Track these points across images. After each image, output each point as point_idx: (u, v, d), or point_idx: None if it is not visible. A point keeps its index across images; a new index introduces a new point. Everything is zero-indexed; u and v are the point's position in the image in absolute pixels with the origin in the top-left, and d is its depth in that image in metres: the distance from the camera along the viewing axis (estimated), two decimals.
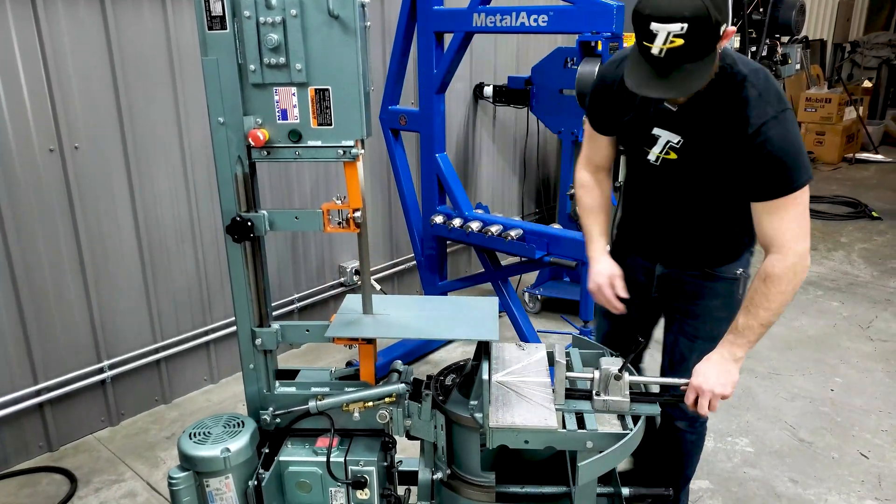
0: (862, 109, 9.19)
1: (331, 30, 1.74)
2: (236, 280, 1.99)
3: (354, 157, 1.84)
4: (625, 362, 1.88)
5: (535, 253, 3.38)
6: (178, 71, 3.27)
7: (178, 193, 3.42)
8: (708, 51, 1.68)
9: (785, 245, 1.83)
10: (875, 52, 10.37)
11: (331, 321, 2.04)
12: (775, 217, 1.84)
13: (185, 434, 1.96)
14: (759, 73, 1.85)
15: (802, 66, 8.41)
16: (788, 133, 1.80)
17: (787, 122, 1.80)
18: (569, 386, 1.96)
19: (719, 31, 1.66)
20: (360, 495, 2.00)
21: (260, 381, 2.08)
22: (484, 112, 5.12)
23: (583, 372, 1.98)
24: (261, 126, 1.83)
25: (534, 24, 3.10)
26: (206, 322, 3.69)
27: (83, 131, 3.03)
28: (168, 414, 3.53)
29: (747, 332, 1.90)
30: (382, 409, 2.02)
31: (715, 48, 1.70)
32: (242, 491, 1.96)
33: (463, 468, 2.00)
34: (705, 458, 3.07)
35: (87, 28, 2.97)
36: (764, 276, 1.86)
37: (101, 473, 3.07)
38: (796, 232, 1.84)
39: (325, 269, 4.26)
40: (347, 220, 1.91)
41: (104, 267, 3.23)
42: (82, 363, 3.25)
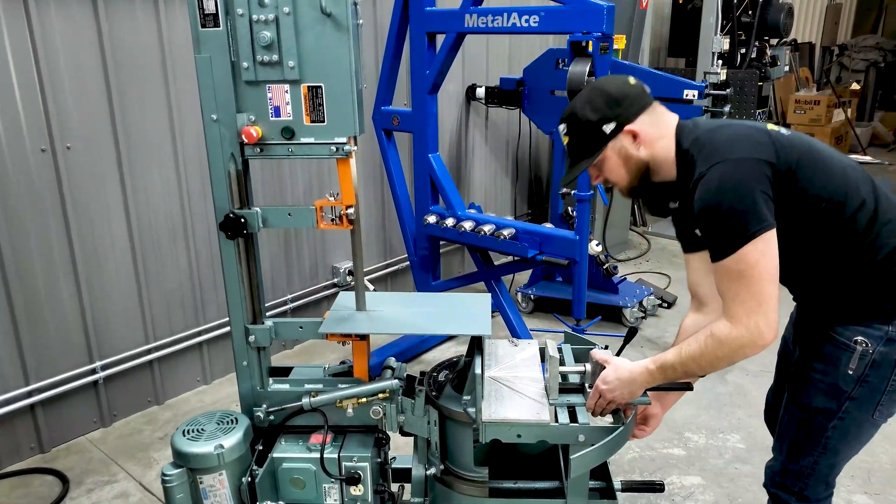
0: (850, 111, 9.27)
1: (323, 27, 1.75)
2: (229, 277, 1.99)
3: (347, 154, 1.85)
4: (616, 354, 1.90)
5: (527, 252, 3.40)
6: (170, 70, 3.28)
7: (170, 194, 3.42)
8: (592, 147, 1.79)
9: (735, 316, 1.61)
10: (863, 55, 10.48)
11: (324, 318, 2.05)
12: (721, 281, 1.65)
13: (179, 431, 1.96)
14: (706, 135, 1.71)
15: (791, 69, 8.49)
16: (713, 190, 1.60)
17: (716, 177, 1.61)
18: (561, 380, 1.97)
19: (599, 129, 1.75)
20: (353, 491, 2.01)
21: (253, 379, 2.09)
22: (476, 113, 5.14)
23: (574, 366, 1.99)
24: (254, 123, 1.84)
25: (525, 25, 3.12)
26: (199, 323, 3.69)
27: (75, 131, 3.03)
28: (161, 415, 3.52)
29: (668, 370, 1.75)
30: (376, 406, 2.02)
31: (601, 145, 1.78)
32: (236, 487, 1.96)
33: (456, 464, 2.02)
34: (697, 455, 3.10)
35: (80, 27, 2.97)
36: (709, 330, 1.66)
37: (93, 474, 3.06)
38: (747, 304, 1.59)
39: (319, 269, 4.26)
40: (340, 217, 1.92)
41: (96, 267, 3.22)
42: (74, 364, 3.24)
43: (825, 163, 1.69)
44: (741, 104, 5.80)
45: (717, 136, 1.69)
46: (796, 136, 1.74)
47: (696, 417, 3.38)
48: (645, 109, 1.77)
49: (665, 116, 1.81)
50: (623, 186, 1.87)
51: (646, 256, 5.69)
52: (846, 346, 1.72)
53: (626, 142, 1.77)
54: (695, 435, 3.25)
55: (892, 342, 1.69)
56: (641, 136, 1.76)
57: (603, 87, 1.80)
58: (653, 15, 6.05)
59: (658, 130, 1.77)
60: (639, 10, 5.20)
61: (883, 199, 1.71)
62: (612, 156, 1.80)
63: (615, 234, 5.57)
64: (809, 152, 1.69)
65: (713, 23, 5.54)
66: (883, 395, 1.74)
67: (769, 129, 1.72)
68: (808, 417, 1.83)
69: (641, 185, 1.85)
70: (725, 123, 1.74)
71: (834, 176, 1.68)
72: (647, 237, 6.11)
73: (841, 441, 1.81)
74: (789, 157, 1.64)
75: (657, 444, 3.17)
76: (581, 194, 3.43)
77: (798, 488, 1.88)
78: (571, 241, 3.37)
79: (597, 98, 1.77)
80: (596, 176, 1.88)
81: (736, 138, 1.66)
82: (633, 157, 1.78)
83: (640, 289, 4.55)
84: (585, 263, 3.48)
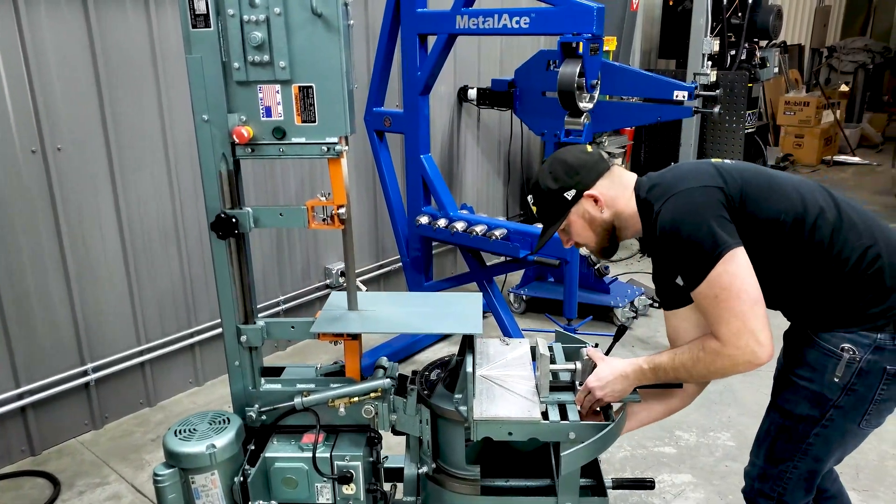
0: (839, 113, 9.35)
1: (314, 28, 1.76)
2: (221, 277, 1.99)
3: (338, 154, 1.86)
4: (606, 352, 1.92)
5: (519, 252, 3.41)
6: (161, 72, 3.28)
7: (162, 195, 3.42)
8: (556, 213, 1.92)
9: (722, 336, 1.62)
10: (851, 57, 10.55)
11: (316, 318, 2.06)
12: (702, 308, 1.67)
13: (171, 431, 1.96)
14: (657, 179, 1.79)
15: (781, 70, 8.55)
16: (668, 224, 1.66)
17: (671, 211, 1.66)
18: (552, 378, 1.98)
19: (561, 196, 1.88)
20: (345, 490, 2.01)
21: (245, 379, 2.09)
22: (468, 114, 5.15)
23: (565, 364, 2.00)
24: (245, 123, 1.85)
25: (516, 26, 3.14)
26: (191, 324, 3.68)
27: (66, 132, 3.03)
28: (153, 417, 3.51)
29: (660, 371, 1.78)
30: (368, 405, 2.03)
31: (565, 211, 1.90)
32: (228, 487, 1.96)
33: (448, 462, 2.02)
34: (688, 453, 3.12)
35: (70, 29, 2.97)
36: (703, 342, 1.69)
37: (84, 476, 3.05)
38: (731, 325, 1.60)
39: (311, 270, 4.27)
40: (332, 217, 1.93)
41: (88, 269, 3.22)
42: (65, 366, 3.23)
43: (773, 183, 1.74)
44: (731, 105, 5.84)
45: (666, 177, 1.79)
46: (741, 164, 1.82)
47: (687, 416, 3.40)
48: (602, 175, 1.89)
49: (623, 177, 1.91)
50: (593, 248, 1.99)
51: (636, 257, 5.71)
52: (832, 352, 1.71)
53: (589, 206, 1.89)
54: (685, 433, 3.27)
55: (880, 350, 1.67)
56: (602, 199, 1.87)
57: (562, 157, 1.92)
58: (643, 16, 6.08)
59: (616, 191, 1.88)
60: (629, 11, 5.23)
61: (843, 206, 1.73)
62: (576, 220, 1.91)
63: None
64: (755, 177, 1.75)
65: (703, 24, 5.57)
66: (870, 404, 1.72)
67: (713, 161, 1.82)
68: (791, 424, 1.83)
69: (611, 245, 1.97)
70: (675, 166, 1.88)
71: (784, 195, 1.71)
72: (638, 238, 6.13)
73: (823, 449, 1.81)
74: (734, 184, 1.71)
75: (648, 443, 3.19)
76: None
77: (777, 493, 1.88)
78: None
79: (557, 168, 1.90)
80: (567, 240, 2.01)
81: (684, 174, 1.77)
82: (597, 219, 1.90)
83: (631, 289, 4.57)
84: (576, 263, 3.50)
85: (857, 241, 1.69)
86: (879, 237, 1.72)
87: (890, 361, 1.68)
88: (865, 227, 1.72)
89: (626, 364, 1.86)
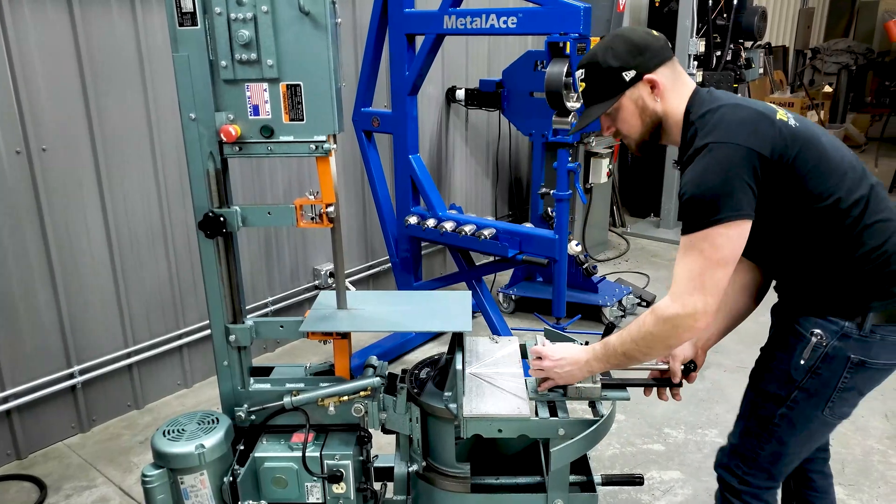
0: (823, 113, 9.44)
1: (302, 26, 1.76)
2: (209, 276, 1.99)
3: (327, 152, 1.86)
4: None
5: (508, 251, 3.42)
6: (148, 72, 3.26)
7: (149, 195, 3.40)
8: (609, 93, 1.78)
9: (676, 291, 1.64)
10: (835, 59, 10.67)
11: (305, 317, 2.06)
12: (680, 252, 1.67)
13: (159, 431, 1.95)
14: (711, 112, 1.70)
15: (766, 71, 8.63)
16: (700, 167, 1.62)
17: (707, 156, 1.62)
18: None
19: (619, 75, 1.75)
20: (336, 489, 2.01)
21: (234, 378, 2.08)
22: (456, 115, 5.16)
23: None
24: (232, 122, 1.84)
25: (503, 26, 3.15)
26: (179, 326, 3.66)
27: (51, 133, 3.01)
28: (141, 419, 3.49)
29: (609, 355, 1.80)
30: (358, 403, 2.03)
31: (618, 92, 1.77)
32: (218, 487, 1.95)
33: (438, 460, 2.02)
34: (676, 450, 3.14)
35: (55, 28, 2.94)
36: (652, 308, 1.70)
37: (71, 480, 3.02)
38: (690, 283, 1.62)
39: (300, 271, 4.25)
40: (320, 215, 1.92)
41: (74, 270, 3.19)
42: (52, 369, 3.20)
43: (826, 158, 1.68)
44: None
45: (724, 115, 1.66)
46: (803, 127, 1.71)
47: (676, 413, 3.42)
48: (665, 62, 1.76)
49: (684, 76, 1.81)
50: (634, 139, 1.86)
51: (625, 256, 5.74)
52: (802, 336, 1.74)
53: (644, 92, 1.76)
54: (674, 431, 3.29)
55: (846, 338, 1.70)
56: (660, 87, 1.75)
57: (626, 35, 1.78)
58: (630, 18, 6.12)
59: (676, 88, 1.77)
60: (616, 12, 5.26)
61: (873, 200, 1.70)
62: (628, 105, 1.78)
63: (594, 235, 5.62)
64: (812, 146, 1.67)
65: (689, 25, 5.62)
66: (834, 391, 1.74)
67: (778, 118, 1.68)
68: (760, 402, 1.86)
69: (651, 141, 1.85)
70: (737, 104, 1.70)
71: (833, 173, 1.67)
72: (625, 238, 6.17)
73: (788, 432, 1.82)
74: (789, 149, 1.63)
75: (637, 440, 3.21)
76: (560, 194, 3.47)
77: (741, 472, 1.91)
78: (551, 240, 3.40)
79: (619, 45, 1.75)
80: (608, 126, 1.87)
81: (739, 122, 1.64)
82: (649, 108, 1.78)
83: (620, 288, 4.59)
84: (565, 262, 3.51)
85: (870, 237, 1.68)
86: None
87: (854, 350, 1.70)
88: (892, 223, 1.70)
89: (581, 350, 1.88)
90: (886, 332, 1.70)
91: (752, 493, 1.92)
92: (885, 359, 1.73)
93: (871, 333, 1.69)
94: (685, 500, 2.81)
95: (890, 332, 1.70)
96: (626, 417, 3.37)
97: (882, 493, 2.85)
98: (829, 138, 1.75)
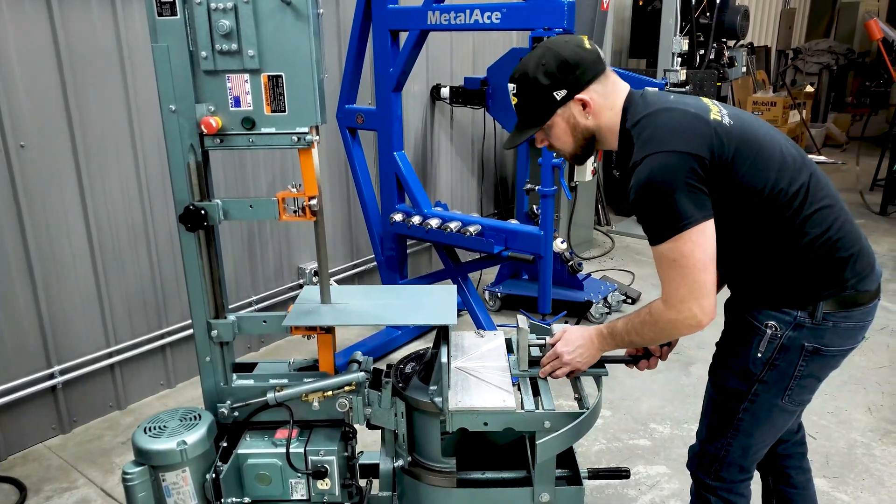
0: (805, 113, 9.53)
1: (283, 16, 1.74)
2: (190, 271, 1.96)
3: (309, 144, 1.84)
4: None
5: (493, 248, 3.42)
6: (128, 67, 3.22)
7: (130, 192, 3.36)
8: (540, 112, 1.77)
9: (669, 300, 1.66)
10: (816, 59, 10.77)
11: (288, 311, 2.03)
12: (657, 264, 1.67)
13: (140, 428, 1.93)
14: (647, 119, 1.69)
15: (748, 71, 8.70)
16: (643, 180, 1.61)
17: (646, 169, 1.61)
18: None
19: (550, 94, 1.73)
20: (320, 485, 1.99)
21: (217, 375, 2.05)
22: (441, 113, 5.15)
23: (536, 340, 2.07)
24: (213, 113, 1.82)
25: (487, 22, 3.15)
26: (162, 325, 3.62)
27: (29, 129, 2.96)
28: (123, 420, 3.44)
29: (617, 337, 1.82)
30: (342, 399, 2.01)
31: (550, 112, 1.76)
32: (200, 485, 1.93)
33: (424, 455, 2.01)
34: (662, 445, 3.14)
35: (33, 23, 2.90)
36: (650, 307, 1.72)
37: (52, 482, 2.97)
38: (680, 290, 1.63)
39: (284, 270, 4.22)
40: (303, 209, 1.90)
41: (53, 269, 3.14)
42: (31, 369, 3.15)
43: (763, 152, 1.67)
44: None
45: (657, 122, 1.66)
46: (738, 123, 1.70)
47: (661, 408, 3.43)
48: (598, 77, 1.74)
49: (618, 85, 1.79)
50: (566, 153, 1.88)
51: (610, 254, 5.76)
52: (758, 329, 1.75)
53: (576, 110, 1.76)
54: (660, 426, 3.30)
55: (800, 328, 1.71)
56: (592, 106, 1.74)
57: (557, 49, 1.74)
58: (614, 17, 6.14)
59: (608, 102, 1.76)
60: (600, 11, 5.28)
61: (813, 188, 1.69)
62: (560, 122, 1.78)
63: (580, 233, 5.63)
64: (748, 142, 1.66)
65: (672, 24, 5.65)
66: (792, 380, 1.76)
67: (711, 117, 1.67)
68: (722, 399, 1.87)
69: (584, 154, 1.86)
70: (669, 106, 1.70)
71: (771, 166, 1.66)
72: (611, 236, 6.19)
73: (753, 424, 1.83)
74: (726, 148, 1.63)
75: (623, 436, 3.21)
76: (545, 190, 3.47)
77: (714, 469, 1.92)
78: (536, 236, 3.40)
79: (551, 62, 1.72)
80: (542, 140, 1.88)
81: (674, 128, 1.64)
82: (580, 125, 1.78)
83: (605, 285, 4.60)
84: (550, 258, 3.51)
85: (813, 226, 1.68)
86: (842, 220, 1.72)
87: (808, 339, 1.72)
88: (834, 209, 1.71)
89: (590, 330, 1.89)
90: (838, 318, 1.71)
91: (726, 487, 1.93)
92: (839, 345, 1.75)
93: (824, 321, 1.71)
94: (671, 494, 2.81)
95: (842, 318, 1.72)
96: (613, 413, 3.38)
97: (866, 486, 2.86)
98: (766, 130, 1.75)
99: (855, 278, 1.70)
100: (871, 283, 1.74)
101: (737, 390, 1.82)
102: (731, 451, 1.88)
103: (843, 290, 1.70)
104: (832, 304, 1.70)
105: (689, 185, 1.59)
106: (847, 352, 1.80)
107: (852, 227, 1.73)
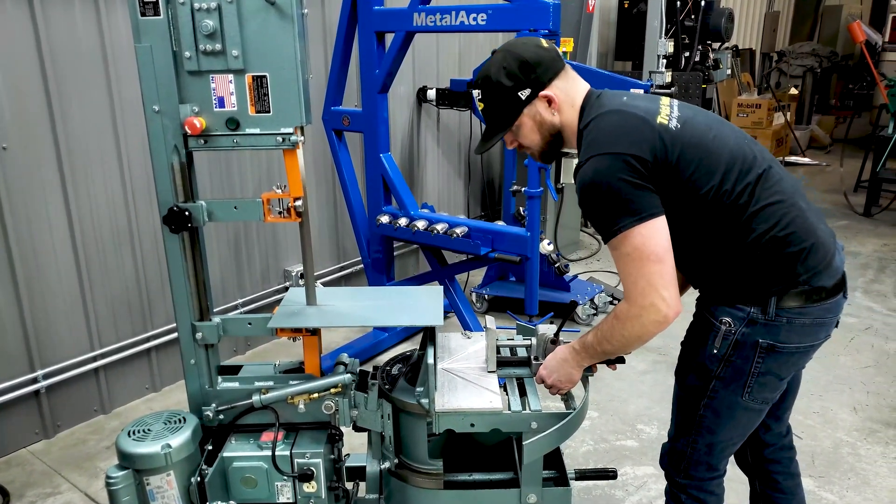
0: (789, 115, 9.61)
1: (267, 16, 1.73)
2: (175, 273, 1.94)
3: (294, 145, 1.83)
4: (558, 328, 2.00)
5: (480, 249, 3.42)
6: (112, 70, 3.20)
7: (114, 195, 3.33)
8: (507, 113, 1.79)
9: (630, 296, 1.66)
10: (800, 62, 10.88)
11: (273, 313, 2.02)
12: (616, 265, 1.69)
13: (124, 432, 1.90)
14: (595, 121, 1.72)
15: (733, 73, 8.76)
16: (587, 180, 1.64)
17: (589, 169, 1.64)
18: (508, 355, 2.04)
19: (515, 95, 1.75)
20: (306, 488, 1.97)
21: (202, 377, 2.04)
22: (428, 115, 5.15)
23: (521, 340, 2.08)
24: (197, 114, 1.80)
25: (473, 23, 3.15)
26: (147, 329, 3.59)
27: (11, 131, 2.93)
28: (108, 424, 3.41)
29: (589, 349, 1.82)
30: (328, 401, 2.00)
31: (517, 112, 1.78)
32: (185, 488, 1.91)
33: (410, 457, 2.00)
34: (650, 446, 3.15)
35: (14, 23, 2.87)
36: (615, 313, 1.72)
37: (35, 487, 2.94)
38: (636, 286, 1.64)
39: (270, 273, 4.20)
40: (288, 210, 1.89)
41: (36, 272, 3.11)
42: (14, 373, 3.11)
43: (710, 155, 1.67)
44: None
45: (602, 125, 1.69)
46: (686, 126, 1.70)
47: (649, 410, 3.44)
48: (559, 74, 1.77)
49: (577, 83, 1.81)
50: (535, 151, 1.89)
51: (596, 256, 5.78)
52: (713, 325, 1.75)
53: (541, 107, 1.78)
54: (647, 427, 3.31)
55: (753, 324, 1.71)
56: (556, 101, 1.77)
57: (517, 51, 1.76)
58: (599, 19, 6.18)
59: (570, 98, 1.79)
60: (585, 13, 5.31)
61: (761, 185, 1.68)
62: (527, 121, 1.81)
63: (566, 235, 5.64)
64: (694, 146, 1.67)
65: (657, 26, 5.69)
66: (749, 377, 1.75)
67: (658, 122, 1.68)
68: (684, 396, 1.88)
69: (552, 151, 1.88)
70: (618, 108, 1.71)
71: (717, 169, 1.66)
72: (597, 238, 6.21)
73: (715, 422, 1.83)
74: (670, 152, 1.64)
75: (610, 437, 3.22)
76: (531, 191, 3.47)
77: (683, 467, 1.93)
78: (523, 237, 3.40)
79: (511, 63, 1.74)
80: (511, 141, 1.89)
81: (617, 131, 1.67)
82: (546, 122, 1.80)
83: (592, 286, 4.62)
84: (537, 259, 3.52)
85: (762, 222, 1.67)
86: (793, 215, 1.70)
87: (762, 335, 1.71)
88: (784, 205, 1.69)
89: (562, 350, 1.90)
90: (793, 314, 1.70)
91: (696, 485, 1.94)
92: (797, 342, 1.74)
93: (777, 317, 1.70)
94: (658, 495, 2.82)
95: (796, 314, 1.70)
96: (600, 415, 3.38)
97: (852, 485, 2.89)
98: (718, 130, 1.74)
99: (807, 273, 1.69)
100: (826, 279, 1.71)
101: (696, 386, 1.83)
102: (697, 449, 1.88)
103: (795, 286, 1.69)
104: (785, 300, 1.69)
105: (633, 184, 1.61)
106: (808, 349, 1.78)
107: (805, 222, 1.70)
